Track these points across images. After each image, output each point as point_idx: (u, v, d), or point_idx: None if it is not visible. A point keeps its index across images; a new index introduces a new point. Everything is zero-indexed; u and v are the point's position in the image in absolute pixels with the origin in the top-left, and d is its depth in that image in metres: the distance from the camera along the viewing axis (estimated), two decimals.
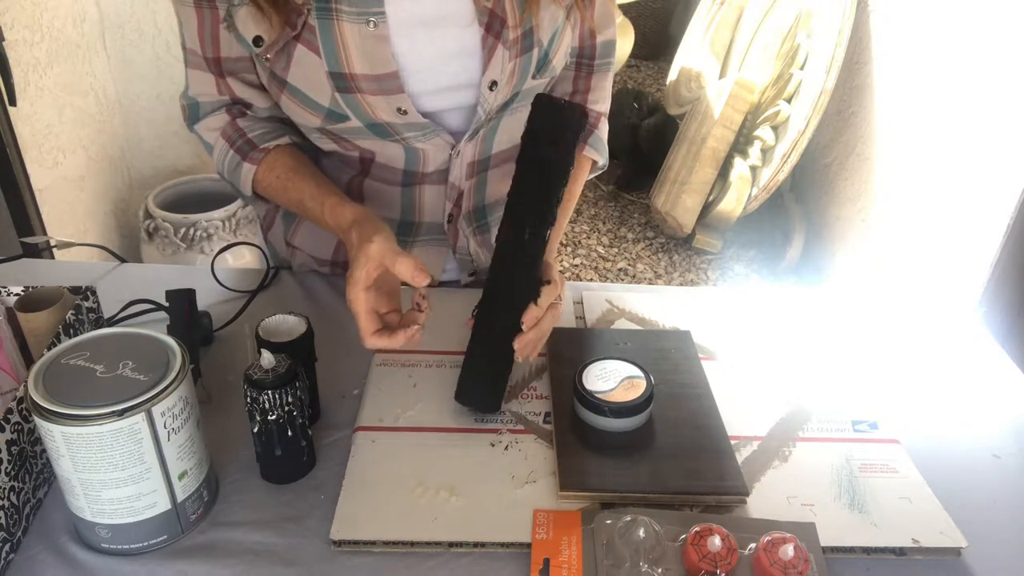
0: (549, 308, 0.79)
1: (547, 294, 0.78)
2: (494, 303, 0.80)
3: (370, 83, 0.82)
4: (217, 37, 0.84)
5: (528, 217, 0.76)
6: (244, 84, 0.89)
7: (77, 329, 0.81)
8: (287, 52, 0.81)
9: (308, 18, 0.79)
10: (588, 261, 2.94)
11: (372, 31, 0.80)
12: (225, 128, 0.90)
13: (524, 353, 0.79)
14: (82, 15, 2.14)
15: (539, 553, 0.68)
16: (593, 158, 1.00)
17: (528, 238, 0.77)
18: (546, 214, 0.76)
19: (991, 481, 0.80)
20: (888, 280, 2.13)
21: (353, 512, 0.71)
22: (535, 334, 0.79)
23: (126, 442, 0.62)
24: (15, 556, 0.68)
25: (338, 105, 0.84)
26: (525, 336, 0.78)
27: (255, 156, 0.89)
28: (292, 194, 0.88)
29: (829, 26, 2.47)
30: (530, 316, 0.77)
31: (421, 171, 0.94)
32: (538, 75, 0.89)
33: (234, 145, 0.89)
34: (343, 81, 0.82)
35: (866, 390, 0.90)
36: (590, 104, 1.01)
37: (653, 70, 4.51)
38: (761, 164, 2.69)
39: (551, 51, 0.88)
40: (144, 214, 2.31)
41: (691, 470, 0.76)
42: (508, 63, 0.85)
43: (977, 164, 1.78)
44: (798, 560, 0.65)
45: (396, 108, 0.84)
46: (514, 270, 0.78)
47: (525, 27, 0.84)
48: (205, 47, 0.86)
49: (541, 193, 0.76)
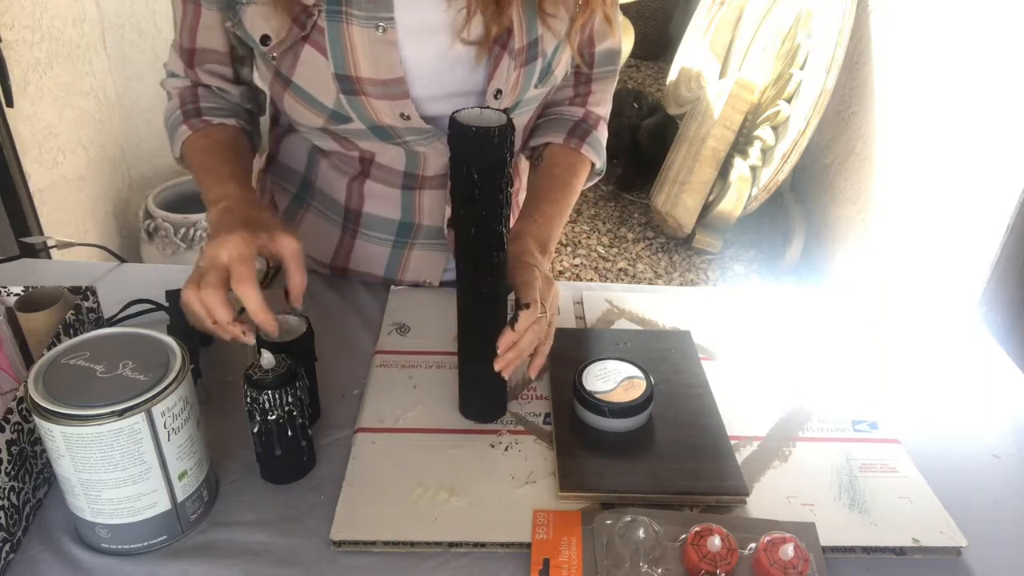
0: (533, 325, 0.77)
1: (524, 319, 0.75)
2: (468, 334, 0.78)
3: (375, 87, 0.82)
4: (195, 31, 0.88)
5: (475, 248, 0.72)
6: (211, 75, 0.91)
7: (77, 329, 0.81)
8: (294, 52, 0.82)
9: (318, 19, 0.79)
10: (588, 261, 2.94)
11: (381, 36, 0.80)
12: (184, 90, 0.93)
13: (507, 372, 0.78)
14: (82, 15, 2.14)
15: (539, 553, 0.68)
16: (591, 159, 0.99)
17: (480, 268, 0.73)
18: (492, 242, 0.72)
19: (991, 481, 0.80)
20: (888, 280, 2.13)
21: (353, 512, 0.71)
22: (514, 354, 0.76)
23: (126, 442, 0.62)
24: (15, 556, 0.68)
25: (342, 107, 0.84)
26: (504, 357, 0.76)
27: (195, 123, 0.90)
28: (204, 160, 0.88)
29: (829, 26, 2.47)
30: (505, 340, 0.75)
31: (421, 174, 0.94)
32: (540, 85, 0.89)
33: (184, 107, 0.91)
34: (349, 84, 0.82)
35: (866, 390, 0.90)
36: (590, 106, 1.01)
37: (653, 70, 4.51)
38: (761, 164, 2.69)
39: (554, 62, 0.89)
40: (144, 214, 2.31)
41: (691, 470, 0.76)
42: (513, 72, 0.85)
43: (977, 164, 1.78)
44: (798, 560, 0.65)
45: (400, 113, 0.84)
46: (477, 300, 0.75)
47: (530, 38, 0.85)
48: (183, 37, 0.89)
49: (479, 223, 0.71)
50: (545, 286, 0.80)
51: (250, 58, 0.93)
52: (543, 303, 0.78)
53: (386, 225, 1.00)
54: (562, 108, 1.00)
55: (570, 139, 0.97)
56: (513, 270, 0.79)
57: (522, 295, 0.77)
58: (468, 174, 0.68)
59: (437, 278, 1.04)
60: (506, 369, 0.77)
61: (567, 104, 1.01)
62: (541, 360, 0.81)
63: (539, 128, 1.00)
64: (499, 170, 0.69)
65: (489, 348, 0.76)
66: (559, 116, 1.00)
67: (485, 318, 0.76)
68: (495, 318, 0.76)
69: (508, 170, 0.70)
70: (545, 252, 0.86)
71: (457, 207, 0.71)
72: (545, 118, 1.00)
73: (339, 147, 0.93)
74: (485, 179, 0.68)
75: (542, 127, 1.00)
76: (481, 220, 0.71)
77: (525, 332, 0.76)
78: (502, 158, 0.68)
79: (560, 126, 0.98)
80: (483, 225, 0.71)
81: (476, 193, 0.69)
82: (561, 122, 0.99)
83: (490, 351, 0.76)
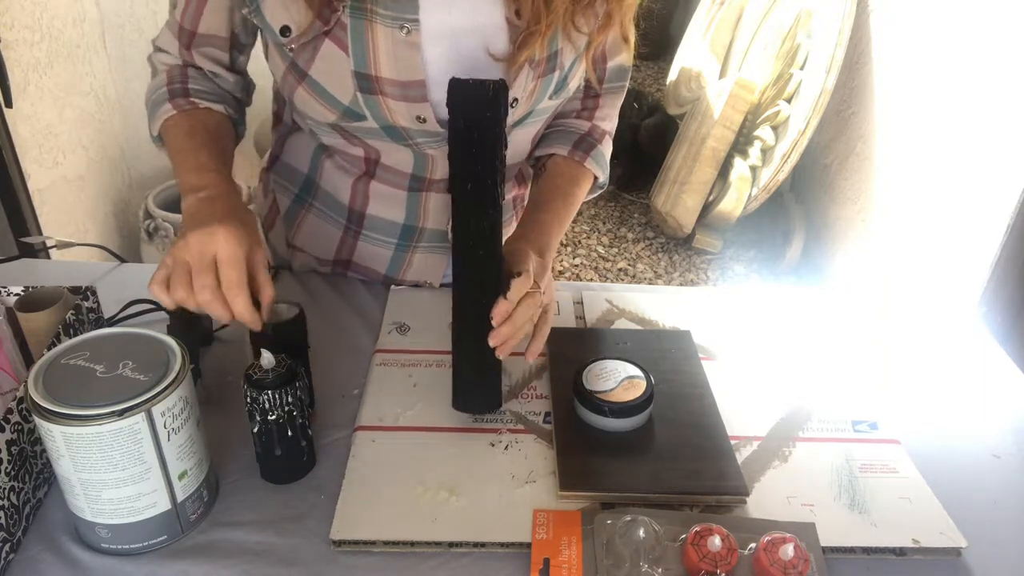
0: (525, 298, 0.75)
1: (517, 286, 0.74)
2: (463, 304, 0.76)
3: (395, 88, 0.82)
4: (200, 13, 0.86)
5: (471, 208, 0.72)
6: (207, 59, 0.89)
7: (77, 329, 0.81)
8: (314, 45, 0.81)
9: (341, 15, 0.79)
10: (588, 261, 2.94)
11: (404, 37, 0.79)
12: (173, 68, 0.90)
13: (504, 350, 0.75)
14: (82, 15, 2.14)
15: (539, 553, 0.68)
16: (594, 172, 0.98)
17: (475, 229, 0.73)
18: (486, 201, 0.72)
19: (991, 481, 0.80)
20: (888, 280, 2.13)
21: (353, 512, 0.71)
22: (509, 328, 0.74)
23: (126, 442, 0.62)
24: (15, 556, 0.68)
25: (358, 104, 0.83)
26: (499, 331, 0.74)
27: (180, 103, 0.85)
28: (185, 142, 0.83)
29: (829, 26, 2.47)
30: (499, 310, 0.73)
31: (429, 177, 0.94)
32: (554, 96, 0.89)
33: (171, 84, 0.87)
34: (367, 82, 0.81)
35: (866, 390, 0.90)
36: (596, 120, 1.00)
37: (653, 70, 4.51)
38: (761, 164, 2.69)
39: (570, 75, 0.89)
40: (144, 214, 2.31)
41: (691, 470, 0.76)
42: (531, 82, 0.85)
43: (977, 164, 1.78)
44: (798, 560, 0.65)
45: (416, 116, 0.84)
46: (471, 266, 0.74)
47: (551, 50, 0.84)
48: (185, 18, 0.87)
49: (475, 180, 0.72)
50: (539, 267, 0.80)
51: (249, 47, 0.92)
52: (537, 281, 0.77)
53: (389, 227, 1.00)
54: (569, 121, 1.00)
55: (574, 152, 0.96)
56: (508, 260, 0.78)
57: (515, 266, 0.77)
58: (465, 128, 0.71)
59: (438, 280, 1.04)
60: (502, 347, 0.75)
61: (574, 117, 1.00)
62: (540, 342, 0.80)
63: (544, 139, 1.00)
64: (494, 122, 0.71)
65: (483, 326, 0.74)
66: (565, 128, 0.99)
67: (479, 289, 0.75)
68: (490, 292, 0.74)
69: (503, 127, 0.72)
70: (542, 258, 0.84)
71: (454, 165, 0.72)
72: (551, 130, 1.00)
73: (345, 144, 0.93)
74: (481, 130, 0.71)
75: (547, 138, 0.99)
76: (476, 175, 0.72)
77: (519, 305, 0.75)
78: (497, 110, 0.71)
79: (565, 138, 0.98)
80: (478, 182, 0.72)
81: (472, 148, 0.71)
82: (567, 134, 0.98)
83: (484, 329, 0.74)
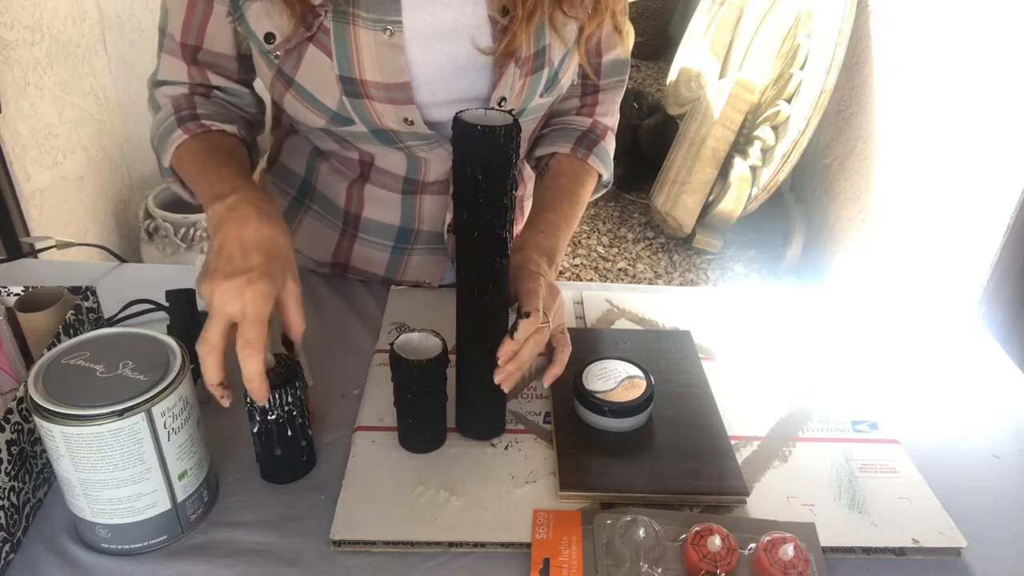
0: (534, 335, 0.74)
1: (524, 328, 0.73)
2: (467, 344, 0.75)
3: (380, 91, 0.82)
4: (204, 28, 0.84)
5: (478, 253, 0.69)
6: (218, 75, 0.87)
7: (77, 329, 0.81)
8: (298, 52, 0.81)
9: (324, 20, 0.78)
10: (588, 261, 2.94)
11: (388, 39, 0.79)
12: (178, 98, 0.87)
13: (508, 385, 0.75)
14: (82, 15, 2.14)
15: (539, 553, 0.68)
16: (598, 171, 0.97)
17: (482, 274, 0.70)
18: (494, 248, 0.69)
19: (991, 481, 0.80)
20: (888, 280, 2.13)
21: (353, 512, 0.71)
22: (515, 365, 0.74)
23: (126, 442, 0.62)
24: (15, 556, 0.68)
25: (345, 109, 0.83)
26: (504, 368, 0.73)
27: (191, 127, 0.83)
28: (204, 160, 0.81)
29: (829, 26, 2.47)
30: (505, 351, 0.73)
31: (422, 180, 0.94)
32: (545, 93, 0.88)
33: (178, 112, 0.84)
34: (353, 86, 0.81)
35: (866, 390, 0.90)
36: (597, 116, 0.99)
37: (653, 70, 4.51)
38: (761, 164, 2.69)
39: (560, 71, 0.88)
40: (144, 214, 2.31)
41: (691, 470, 0.76)
42: (518, 81, 0.84)
43: (977, 164, 1.78)
44: (798, 560, 0.65)
45: (403, 118, 0.84)
46: (477, 307, 0.72)
47: (538, 46, 0.84)
48: (188, 35, 0.84)
49: (482, 229, 0.68)
50: (549, 295, 0.77)
51: (251, 57, 0.91)
52: (546, 312, 0.75)
53: (385, 230, 0.99)
54: (569, 118, 0.99)
55: (577, 149, 0.95)
56: (516, 279, 0.76)
57: (524, 304, 0.75)
58: (472, 175, 0.66)
59: (437, 280, 1.04)
60: (505, 382, 0.74)
61: (574, 114, 0.99)
62: (560, 368, 0.79)
63: (545, 138, 0.99)
64: (504, 171, 0.66)
65: (489, 360, 0.73)
66: (566, 126, 0.98)
67: (486, 328, 0.73)
68: (496, 329, 0.73)
69: (513, 172, 0.67)
70: (552, 263, 0.83)
71: (460, 210, 0.69)
72: (551, 128, 0.99)
73: (339, 148, 0.93)
74: (490, 181, 0.66)
75: (548, 137, 0.98)
76: (484, 223, 0.68)
77: (525, 343, 0.74)
78: (508, 158, 0.65)
79: (567, 136, 0.96)
80: (486, 229, 0.68)
81: (480, 196, 0.66)
82: (568, 132, 0.97)
83: (490, 364, 0.73)
